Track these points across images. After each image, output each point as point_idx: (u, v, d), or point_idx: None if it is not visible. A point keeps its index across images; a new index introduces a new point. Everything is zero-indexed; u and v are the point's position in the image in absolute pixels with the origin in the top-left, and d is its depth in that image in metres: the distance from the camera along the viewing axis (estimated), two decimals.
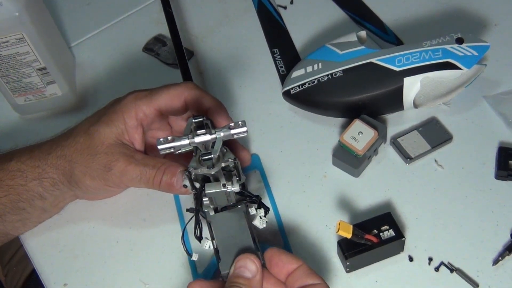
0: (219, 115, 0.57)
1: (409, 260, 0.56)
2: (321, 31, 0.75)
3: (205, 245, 0.53)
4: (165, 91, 0.58)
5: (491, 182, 0.60)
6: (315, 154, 0.64)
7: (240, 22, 0.77)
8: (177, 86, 0.58)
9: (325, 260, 0.56)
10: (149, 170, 0.55)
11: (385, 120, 0.65)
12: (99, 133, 0.56)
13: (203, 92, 0.58)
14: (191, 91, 0.57)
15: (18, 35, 0.61)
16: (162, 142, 0.50)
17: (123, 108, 0.57)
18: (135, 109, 0.57)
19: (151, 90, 0.58)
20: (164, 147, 0.50)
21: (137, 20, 0.80)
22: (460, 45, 0.62)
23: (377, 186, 0.61)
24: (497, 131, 0.63)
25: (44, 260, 0.59)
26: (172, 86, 0.58)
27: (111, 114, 0.57)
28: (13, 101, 0.69)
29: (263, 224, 0.53)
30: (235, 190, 0.51)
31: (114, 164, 0.55)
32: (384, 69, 0.62)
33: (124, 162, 0.55)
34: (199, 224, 0.52)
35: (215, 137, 0.50)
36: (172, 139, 0.50)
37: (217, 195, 0.52)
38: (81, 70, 0.75)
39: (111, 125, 0.56)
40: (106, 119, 0.57)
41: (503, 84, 0.66)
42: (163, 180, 0.55)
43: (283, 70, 0.72)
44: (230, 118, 0.58)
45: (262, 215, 0.53)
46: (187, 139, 0.50)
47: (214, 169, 0.50)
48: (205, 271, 0.57)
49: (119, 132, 0.57)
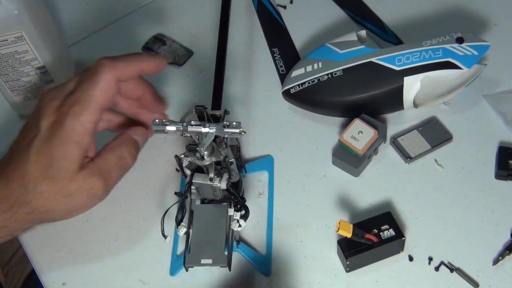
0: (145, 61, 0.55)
1: (409, 260, 0.56)
2: (321, 30, 0.74)
3: (180, 231, 0.54)
4: (96, 88, 0.51)
5: (491, 181, 0.60)
6: (315, 154, 0.64)
7: (240, 22, 0.77)
8: (102, 74, 0.52)
9: (325, 259, 0.56)
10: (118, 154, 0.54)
11: (385, 120, 0.65)
12: (61, 171, 0.50)
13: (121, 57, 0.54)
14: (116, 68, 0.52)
15: (17, 34, 0.61)
16: (157, 123, 0.52)
17: (69, 133, 0.50)
18: (82, 126, 0.51)
19: (82, 97, 0.51)
20: (157, 128, 0.52)
21: (136, 19, 0.80)
22: (460, 45, 0.62)
23: (377, 185, 0.61)
24: (497, 131, 0.63)
25: (43, 259, 0.59)
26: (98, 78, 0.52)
27: (61, 146, 0.50)
28: (12, 99, 0.69)
29: (236, 226, 0.53)
30: (221, 187, 0.51)
31: (94, 188, 0.52)
32: (384, 69, 0.62)
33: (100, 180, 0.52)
34: (183, 210, 0.53)
35: (207, 132, 0.50)
36: (167, 122, 0.52)
37: (203, 187, 0.52)
38: (80, 69, 0.74)
39: (68, 156, 0.50)
40: (59, 153, 0.50)
41: (503, 83, 0.66)
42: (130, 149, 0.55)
43: (283, 69, 0.72)
44: (155, 58, 0.56)
45: (238, 218, 0.53)
46: (180, 126, 0.51)
47: (204, 161, 0.51)
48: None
49: (79, 158, 0.51)
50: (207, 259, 0.53)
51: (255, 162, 0.63)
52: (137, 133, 0.57)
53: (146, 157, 0.65)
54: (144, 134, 0.57)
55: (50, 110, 0.52)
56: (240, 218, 0.54)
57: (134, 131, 0.57)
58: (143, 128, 0.58)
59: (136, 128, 0.57)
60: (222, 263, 0.53)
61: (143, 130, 0.57)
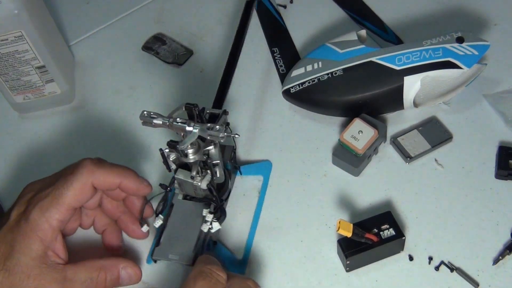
0: (127, 179, 0.54)
1: (409, 259, 0.56)
2: (321, 30, 0.74)
3: (157, 223, 0.54)
4: (69, 188, 0.51)
5: (491, 181, 0.60)
6: (315, 153, 0.64)
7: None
8: (78, 176, 0.51)
9: (325, 259, 0.56)
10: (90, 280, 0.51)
11: (385, 119, 0.65)
12: (19, 265, 0.48)
13: (104, 165, 0.53)
14: (94, 174, 0.52)
15: (17, 33, 0.61)
16: (145, 115, 0.52)
17: (33, 227, 0.49)
18: (47, 222, 0.50)
19: (52, 193, 0.51)
20: (145, 120, 0.52)
21: (136, 18, 0.79)
22: (460, 44, 0.62)
23: (377, 185, 0.61)
24: (497, 131, 0.63)
25: None
26: (74, 178, 0.51)
27: (23, 239, 0.49)
28: (12, 99, 0.69)
29: (206, 228, 0.53)
30: (201, 186, 0.51)
31: None
32: (384, 68, 0.62)
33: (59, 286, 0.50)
34: (165, 202, 0.54)
35: (191, 130, 0.51)
36: (155, 115, 0.52)
37: (185, 184, 0.53)
38: (80, 69, 0.75)
39: (28, 251, 0.49)
40: (21, 246, 0.49)
41: (503, 83, 0.66)
42: (108, 279, 0.52)
43: (283, 69, 0.72)
44: (140, 179, 0.54)
45: (211, 219, 0.53)
46: (167, 121, 0.51)
47: (187, 159, 0.52)
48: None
49: (40, 254, 0.49)
50: (175, 255, 0.53)
51: (253, 165, 0.63)
52: (128, 271, 0.53)
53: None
54: (133, 277, 0.54)
55: (22, 200, 0.51)
56: (214, 220, 0.53)
57: (128, 265, 0.53)
58: (139, 270, 0.54)
59: (133, 265, 0.54)
60: (187, 262, 0.53)
61: (136, 272, 0.54)
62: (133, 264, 0.54)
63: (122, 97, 0.71)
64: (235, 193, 0.61)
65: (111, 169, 0.53)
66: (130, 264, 0.53)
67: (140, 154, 0.66)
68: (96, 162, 0.53)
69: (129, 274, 0.53)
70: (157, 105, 0.70)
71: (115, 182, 0.53)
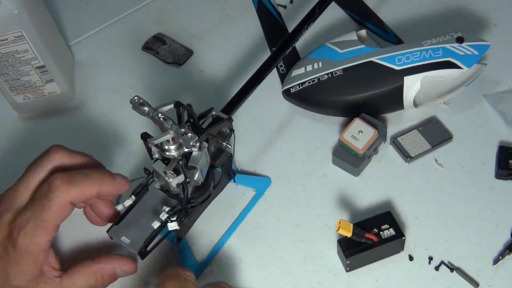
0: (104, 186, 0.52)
1: (409, 259, 0.56)
2: (321, 30, 0.74)
3: (127, 201, 0.54)
4: (48, 212, 0.49)
5: (491, 181, 0.60)
6: (315, 153, 0.64)
7: (240, 21, 0.77)
8: (54, 199, 0.50)
9: (325, 259, 0.56)
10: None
11: (385, 119, 0.65)
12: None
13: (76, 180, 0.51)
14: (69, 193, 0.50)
15: (17, 33, 0.61)
16: (136, 101, 0.52)
17: (23, 254, 0.49)
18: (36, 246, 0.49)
19: (32, 219, 0.49)
20: (134, 105, 0.52)
21: (136, 18, 0.79)
22: (460, 44, 0.62)
23: (377, 185, 0.61)
24: (497, 130, 0.63)
25: None
26: (50, 203, 0.50)
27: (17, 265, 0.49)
28: (11, 99, 0.69)
29: (156, 225, 0.52)
30: (171, 183, 0.52)
31: None
32: (384, 68, 0.62)
33: None
34: (143, 187, 0.54)
35: (167, 128, 0.51)
36: (142, 103, 0.52)
37: (159, 176, 0.53)
38: (80, 69, 0.75)
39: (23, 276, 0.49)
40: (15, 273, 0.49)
41: (503, 83, 0.66)
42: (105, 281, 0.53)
43: (283, 69, 0.72)
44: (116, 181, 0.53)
45: (163, 218, 0.52)
46: (150, 112, 0.52)
47: (164, 153, 0.52)
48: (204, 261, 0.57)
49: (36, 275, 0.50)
50: (127, 238, 0.53)
51: (250, 178, 0.62)
52: (123, 268, 0.54)
53: None
54: (129, 270, 0.54)
55: (2, 225, 0.50)
56: (171, 220, 0.52)
57: (122, 263, 0.54)
58: (134, 264, 0.54)
59: (127, 262, 0.54)
60: (134, 249, 0.52)
61: (131, 267, 0.54)
62: (127, 260, 0.54)
63: (122, 97, 0.71)
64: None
65: (85, 181, 0.51)
66: (124, 261, 0.54)
67: (140, 154, 0.66)
68: (68, 180, 0.50)
69: (125, 271, 0.54)
70: (157, 105, 0.69)
71: (92, 193, 0.52)
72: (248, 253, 0.58)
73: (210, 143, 0.56)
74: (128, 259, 0.54)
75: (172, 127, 0.50)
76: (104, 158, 0.66)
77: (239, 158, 0.64)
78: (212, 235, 0.59)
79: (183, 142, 0.51)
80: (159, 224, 0.52)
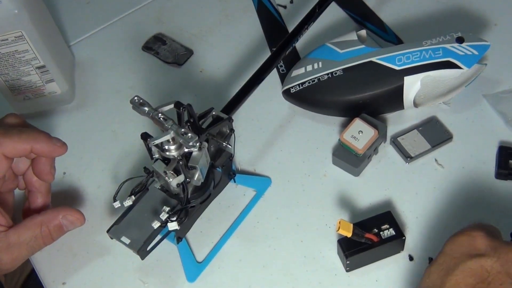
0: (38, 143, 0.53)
1: (409, 259, 0.56)
2: (321, 30, 0.74)
3: (127, 201, 0.54)
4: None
5: (491, 181, 0.60)
6: (315, 153, 0.64)
7: (240, 21, 0.77)
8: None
9: (325, 259, 0.56)
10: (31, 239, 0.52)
11: (385, 119, 0.65)
12: None
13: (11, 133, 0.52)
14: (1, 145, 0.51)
15: (17, 33, 0.61)
16: (136, 101, 0.52)
17: None
18: None
19: None
20: (134, 104, 0.52)
21: (136, 18, 0.79)
22: (460, 44, 0.62)
23: (377, 185, 0.61)
24: (497, 130, 0.63)
25: (42, 258, 0.59)
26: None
27: None
28: (12, 99, 0.69)
29: (156, 225, 0.52)
30: (171, 183, 0.52)
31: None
32: (384, 68, 0.62)
33: (7, 256, 0.51)
34: (143, 186, 0.54)
35: (167, 129, 0.51)
36: (142, 103, 0.52)
37: (159, 176, 0.53)
38: (80, 69, 0.75)
39: None
40: None
41: (503, 83, 0.66)
42: (52, 231, 0.54)
43: (283, 69, 0.72)
44: (52, 141, 0.54)
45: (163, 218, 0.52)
46: (150, 113, 0.52)
47: (164, 153, 0.52)
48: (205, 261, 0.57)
49: None
50: (127, 238, 0.53)
51: (250, 178, 0.62)
52: (69, 218, 0.55)
53: None
54: (76, 221, 0.55)
55: None
56: (171, 220, 0.52)
57: (67, 213, 0.54)
58: (79, 214, 0.55)
59: (72, 212, 0.55)
60: (135, 249, 0.53)
61: (77, 217, 0.55)
62: (72, 210, 0.55)
63: (122, 97, 0.71)
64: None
65: (20, 136, 0.52)
66: (69, 211, 0.54)
67: (140, 153, 0.66)
68: (3, 132, 0.52)
69: (71, 221, 0.54)
70: (157, 105, 0.70)
71: (25, 148, 0.52)
72: (248, 253, 0.58)
73: (210, 143, 0.56)
74: (74, 209, 0.55)
75: (172, 127, 0.51)
76: (104, 158, 0.66)
77: (239, 158, 0.64)
78: (212, 235, 0.59)
79: (183, 142, 0.51)
80: (159, 224, 0.52)
